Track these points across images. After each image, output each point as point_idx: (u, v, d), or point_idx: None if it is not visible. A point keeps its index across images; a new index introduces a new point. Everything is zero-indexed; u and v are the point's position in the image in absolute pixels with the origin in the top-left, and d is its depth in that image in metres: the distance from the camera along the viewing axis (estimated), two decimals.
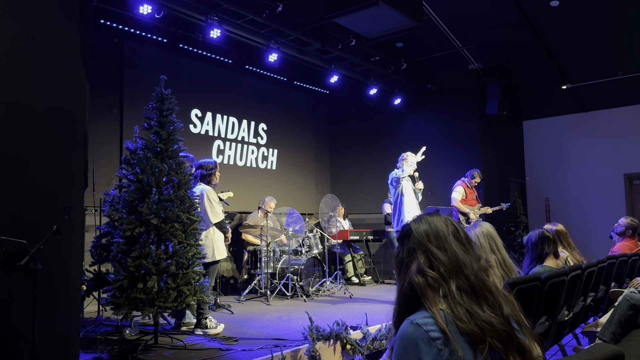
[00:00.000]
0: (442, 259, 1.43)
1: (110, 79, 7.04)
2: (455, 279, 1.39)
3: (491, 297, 1.38)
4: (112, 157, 6.86)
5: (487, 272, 1.46)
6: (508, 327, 1.33)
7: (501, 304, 1.38)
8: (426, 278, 1.40)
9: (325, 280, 7.38)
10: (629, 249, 5.43)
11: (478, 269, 1.43)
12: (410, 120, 9.96)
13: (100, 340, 4.23)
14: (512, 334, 1.33)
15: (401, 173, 6.19)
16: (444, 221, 1.53)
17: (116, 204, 4.37)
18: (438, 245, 1.46)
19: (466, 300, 1.35)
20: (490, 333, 1.29)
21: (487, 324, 1.31)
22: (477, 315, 1.32)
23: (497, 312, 1.35)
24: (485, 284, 1.40)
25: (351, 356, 4.08)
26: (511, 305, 1.41)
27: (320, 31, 7.58)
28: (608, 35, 8.28)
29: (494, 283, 1.44)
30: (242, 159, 8.96)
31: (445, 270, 1.41)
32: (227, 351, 3.92)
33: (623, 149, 9.83)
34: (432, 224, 1.51)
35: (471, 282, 1.39)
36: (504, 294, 1.43)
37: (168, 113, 4.27)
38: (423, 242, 1.48)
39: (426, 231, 1.50)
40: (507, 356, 1.30)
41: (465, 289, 1.38)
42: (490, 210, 7.56)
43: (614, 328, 3.78)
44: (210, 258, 4.91)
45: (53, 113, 3.39)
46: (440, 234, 1.48)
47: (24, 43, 3.27)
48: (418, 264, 1.45)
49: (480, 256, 1.49)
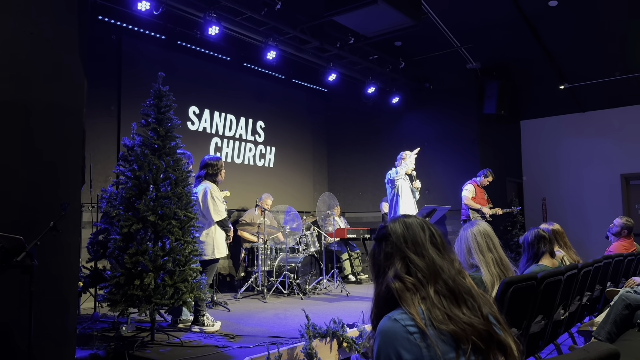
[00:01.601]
0: (420, 265, 1.44)
1: (108, 75, 7.01)
2: (434, 284, 1.41)
3: (470, 299, 1.40)
4: (110, 154, 6.85)
5: (462, 275, 1.47)
6: (488, 326, 1.35)
7: (480, 304, 1.40)
8: (404, 283, 1.41)
9: (322, 279, 7.39)
10: (624, 248, 5.45)
11: (455, 272, 1.45)
12: (408, 119, 9.96)
13: (96, 336, 4.22)
14: (493, 332, 1.35)
15: (395, 175, 6.19)
16: (420, 225, 1.52)
17: (113, 201, 4.36)
18: (415, 251, 1.47)
19: (445, 303, 1.37)
20: (472, 334, 1.32)
21: (468, 325, 1.33)
22: (457, 318, 1.34)
23: (476, 313, 1.37)
24: (463, 287, 1.42)
25: (347, 354, 4.09)
26: (489, 304, 1.43)
27: (318, 29, 7.58)
28: (606, 36, 8.30)
29: (471, 284, 1.45)
30: (240, 156, 8.95)
31: (423, 276, 1.42)
32: (223, 348, 3.93)
33: (620, 149, 9.86)
34: (410, 228, 1.51)
35: (449, 286, 1.41)
36: (481, 294, 1.45)
37: (166, 110, 4.27)
38: (401, 247, 1.48)
39: (404, 236, 1.50)
40: (488, 353, 1.32)
41: (444, 293, 1.39)
42: (501, 212, 7.66)
43: (610, 327, 3.80)
44: (210, 256, 4.91)
45: (51, 109, 3.39)
46: (418, 239, 1.49)
47: (22, 39, 3.27)
48: (395, 270, 1.46)
49: (454, 259, 1.50)
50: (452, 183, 8.51)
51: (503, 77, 9.21)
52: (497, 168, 9.84)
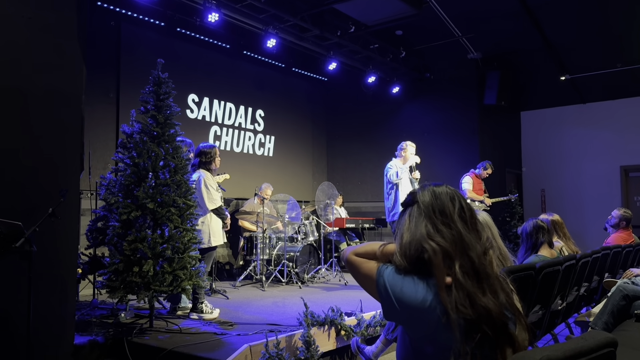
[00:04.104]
0: (447, 236, 1.39)
1: (107, 62, 6.97)
2: (460, 259, 1.36)
3: (490, 282, 1.36)
4: (108, 141, 6.83)
5: (487, 253, 1.42)
6: (503, 316, 1.32)
7: (497, 290, 1.36)
8: (439, 245, 1.37)
9: (321, 268, 7.41)
10: (623, 240, 5.47)
11: (481, 251, 1.40)
12: (408, 109, 9.94)
13: (95, 323, 4.23)
14: (506, 325, 1.32)
15: (395, 179, 6.13)
16: (450, 196, 1.47)
17: (112, 188, 4.35)
18: (443, 222, 1.42)
19: (468, 282, 1.33)
20: (486, 320, 1.29)
21: (484, 309, 1.29)
22: (476, 300, 1.30)
23: (495, 300, 1.34)
24: (486, 270, 1.38)
25: (345, 342, 4.11)
26: (505, 293, 1.39)
27: (319, 17, 7.52)
28: (607, 27, 8.25)
29: (492, 267, 1.41)
30: (239, 145, 8.93)
31: (449, 247, 1.37)
32: (222, 335, 3.94)
33: (620, 141, 9.85)
34: (439, 197, 1.46)
35: (474, 265, 1.36)
36: (500, 280, 1.41)
37: (165, 97, 4.24)
38: (429, 214, 1.44)
39: (432, 205, 1.45)
40: (498, 345, 1.30)
41: (467, 271, 1.35)
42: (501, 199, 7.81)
43: (607, 318, 3.82)
44: (206, 244, 4.91)
45: (50, 95, 3.37)
46: (446, 211, 1.44)
47: (20, 24, 3.24)
48: (428, 230, 1.41)
49: (482, 235, 1.45)
50: (452, 173, 8.49)
51: (504, 67, 9.17)
52: (497, 159, 9.84)
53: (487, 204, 7.39)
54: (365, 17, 6.97)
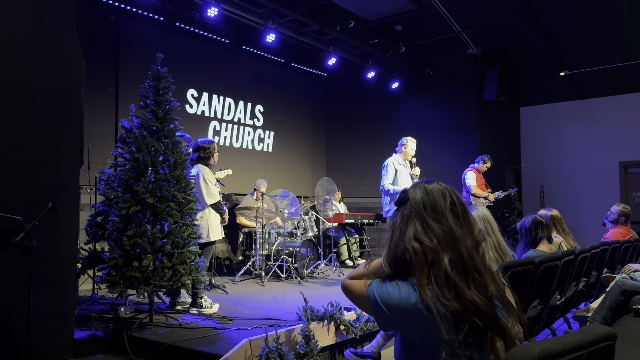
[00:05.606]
0: (438, 231, 1.42)
1: (106, 56, 6.95)
2: (449, 253, 1.39)
3: (478, 277, 1.39)
4: (108, 136, 6.82)
5: (479, 246, 1.45)
6: (491, 309, 1.35)
7: (487, 283, 1.39)
8: (422, 245, 1.41)
9: (320, 263, 7.41)
10: (621, 235, 5.47)
11: (471, 245, 1.43)
12: (407, 105, 9.93)
13: (95, 317, 4.24)
14: (495, 316, 1.35)
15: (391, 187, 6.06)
16: (442, 192, 1.50)
17: (112, 183, 4.35)
18: (434, 218, 1.45)
19: (456, 276, 1.36)
20: (473, 313, 1.31)
21: (471, 302, 1.32)
22: (462, 294, 1.33)
23: (482, 292, 1.36)
24: (475, 263, 1.41)
25: (345, 336, 4.12)
26: (496, 285, 1.41)
27: (319, 12, 7.50)
28: (607, 23, 8.24)
29: (483, 260, 1.44)
30: (239, 140, 8.92)
31: (439, 243, 1.41)
32: (221, 330, 3.95)
33: (619, 137, 9.85)
34: (430, 194, 1.50)
35: (463, 260, 1.40)
36: (491, 273, 1.43)
37: (164, 92, 4.24)
38: (420, 211, 1.47)
39: (423, 202, 1.48)
40: (487, 335, 1.32)
41: (456, 265, 1.38)
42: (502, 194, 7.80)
43: (605, 313, 3.84)
44: (205, 239, 4.91)
45: (49, 89, 3.36)
46: (437, 207, 1.47)
47: (19, 18, 3.22)
48: (415, 230, 1.44)
49: (474, 229, 1.48)
50: (451, 169, 8.50)
51: (503, 63, 9.16)
52: (496, 154, 9.84)
53: (491, 199, 7.40)
54: (365, 12, 6.96)
